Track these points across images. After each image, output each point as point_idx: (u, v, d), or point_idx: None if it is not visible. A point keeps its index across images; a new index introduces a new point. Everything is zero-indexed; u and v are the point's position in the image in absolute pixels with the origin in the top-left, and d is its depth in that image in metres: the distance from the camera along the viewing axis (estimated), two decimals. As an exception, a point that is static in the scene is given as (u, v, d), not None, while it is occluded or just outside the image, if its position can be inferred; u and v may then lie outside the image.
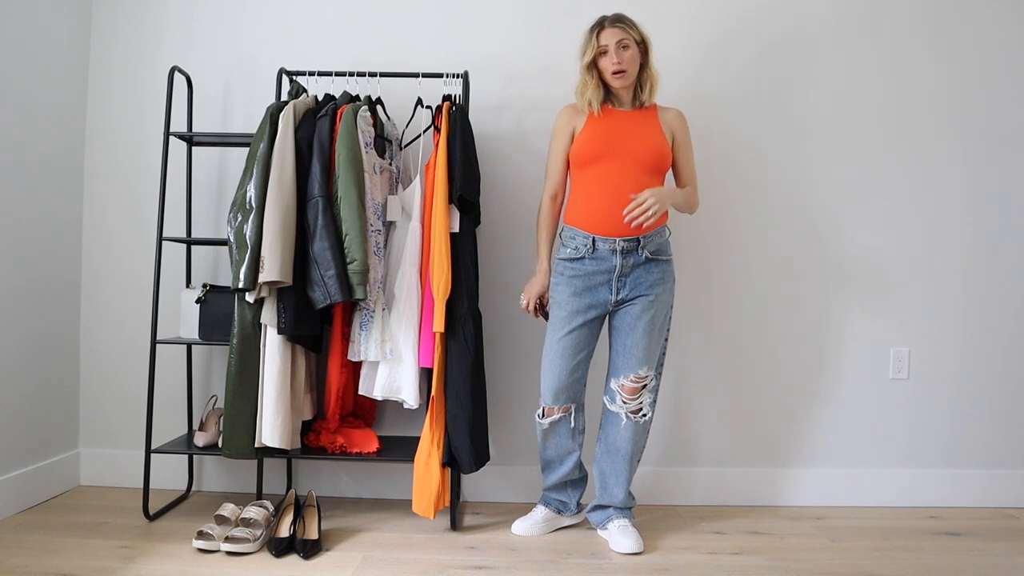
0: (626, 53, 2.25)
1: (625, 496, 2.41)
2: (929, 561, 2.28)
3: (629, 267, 2.29)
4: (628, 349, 2.32)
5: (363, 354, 2.39)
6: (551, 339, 2.35)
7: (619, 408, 2.36)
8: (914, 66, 2.84)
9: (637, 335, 2.31)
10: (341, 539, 2.37)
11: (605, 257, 2.28)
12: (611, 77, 2.27)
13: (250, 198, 2.31)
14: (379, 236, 2.41)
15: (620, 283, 2.30)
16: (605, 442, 2.42)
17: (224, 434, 2.35)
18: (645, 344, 2.31)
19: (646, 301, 2.31)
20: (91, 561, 2.12)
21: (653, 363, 2.36)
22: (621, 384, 2.34)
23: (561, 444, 2.41)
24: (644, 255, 2.29)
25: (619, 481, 2.40)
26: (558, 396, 2.35)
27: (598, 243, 2.28)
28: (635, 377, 2.32)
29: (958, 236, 2.85)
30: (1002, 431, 2.85)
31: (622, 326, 2.34)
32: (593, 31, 2.28)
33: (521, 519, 2.47)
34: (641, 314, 2.31)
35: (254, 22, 2.84)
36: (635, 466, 2.43)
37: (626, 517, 2.40)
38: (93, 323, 2.85)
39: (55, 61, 2.69)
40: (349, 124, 2.34)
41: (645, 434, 2.42)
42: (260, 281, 2.26)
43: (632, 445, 2.37)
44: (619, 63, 2.24)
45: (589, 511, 2.49)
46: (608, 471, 2.42)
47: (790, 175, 2.83)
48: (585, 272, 2.31)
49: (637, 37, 2.27)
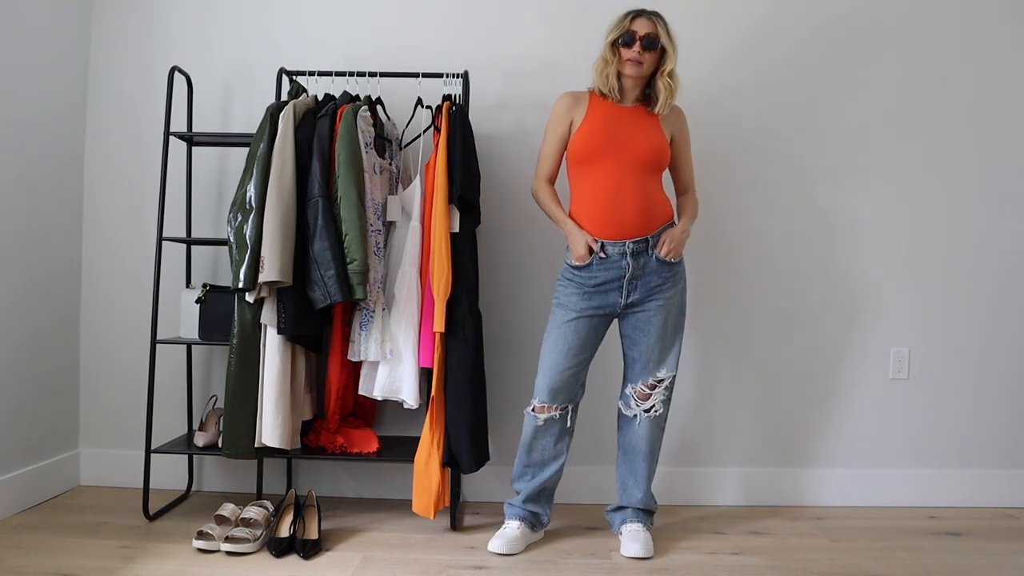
0: (648, 53, 2.23)
1: (644, 497, 2.37)
2: (929, 561, 2.28)
3: (640, 269, 2.26)
4: (644, 355, 2.31)
5: (363, 354, 2.39)
6: (554, 337, 2.29)
7: (634, 410, 2.35)
8: (918, 64, 2.83)
9: (651, 340, 2.29)
10: (341, 539, 2.37)
11: (615, 261, 2.25)
12: (625, 64, 2.24)
13: (250, 198, 2.31)
14: (379, 236, 2.41)
15: (631, 286, 2.26)
16: (623, 446, 2.40)
17: (224, 434, 2.35)
18: (660, 348, 2.30)
19: (657, 305, 2.28)
20: (91, 561, 2.12)
21: (671, 363, 2.33)
22: (637, 389, 2.34)
23: (550, 445, 2.34)
24: (654, 256, 2.26)
25: (637, 481, 2.37)
26: (556, 395, 2.29)
27: (607, 248, 2.25)
28: (652, 381, 2.32)
29: (959, 235, 2.85)
30: (1002, 431, 2.85)
31: (635, 334, 2.31)
32: (628, 16, 2.25)
33: (497, 536, 2.31)
34: (652, 319, 2.28)
35: (254, 22, 2.84)
36: (653, 465, 2.39)
37: (640, 521, 2.35)
38: (93, 323, 2.85)
39: (55, 61, 2.69)
40: (349, 124, 2.34)
41: (660, 431, 2.37)
42: (260, 281, 2.25)
43: (647, 444, 2.34)
44: (639, 54, 2.22)
45: (609, 511, 2.45)
46: (626, 473, 2.39)
47: (789, 175, 2.83)
48: (595, 279, 2.27)
49: (664, 39, 2.23)
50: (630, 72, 2.25)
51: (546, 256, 2.79)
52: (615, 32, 2.25)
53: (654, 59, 2.25)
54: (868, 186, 2.83)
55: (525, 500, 2.37)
